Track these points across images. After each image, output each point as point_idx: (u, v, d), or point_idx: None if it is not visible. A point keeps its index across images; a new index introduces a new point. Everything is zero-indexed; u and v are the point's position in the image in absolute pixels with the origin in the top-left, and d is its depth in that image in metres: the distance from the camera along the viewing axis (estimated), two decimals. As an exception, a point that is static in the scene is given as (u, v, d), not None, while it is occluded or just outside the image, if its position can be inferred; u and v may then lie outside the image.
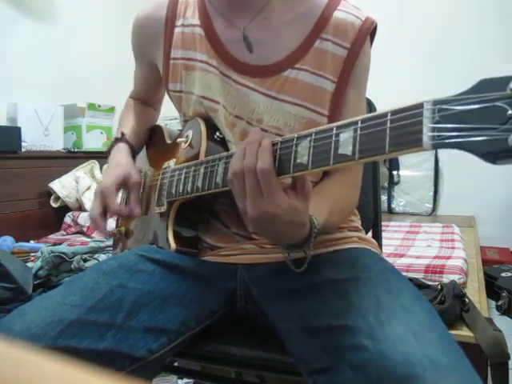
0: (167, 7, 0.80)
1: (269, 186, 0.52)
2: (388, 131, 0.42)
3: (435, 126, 0.39)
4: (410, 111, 0.41)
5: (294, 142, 0.52)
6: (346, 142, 0.46)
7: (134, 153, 0.87)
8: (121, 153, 0.84)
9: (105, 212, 0.77)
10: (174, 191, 0.75)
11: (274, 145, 0.54)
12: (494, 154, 0.35)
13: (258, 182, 0.53)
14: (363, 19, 0.72)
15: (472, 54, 2.57)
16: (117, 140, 0.87)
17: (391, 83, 2.45)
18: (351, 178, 0.77)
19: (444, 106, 0.38)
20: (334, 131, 0.48)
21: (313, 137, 0.50)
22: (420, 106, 0.40)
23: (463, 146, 0.37)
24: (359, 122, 0.46)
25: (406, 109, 0.41)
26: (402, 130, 0.41)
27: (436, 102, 0.39)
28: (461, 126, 0.37)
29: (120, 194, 0.85)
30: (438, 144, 0.38)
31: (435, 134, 0.38)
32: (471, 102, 0.37)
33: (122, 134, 0.87)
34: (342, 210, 0.73)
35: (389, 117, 0.43)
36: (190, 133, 0.78)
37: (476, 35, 2.57)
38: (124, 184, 0.79)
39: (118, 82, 1.93)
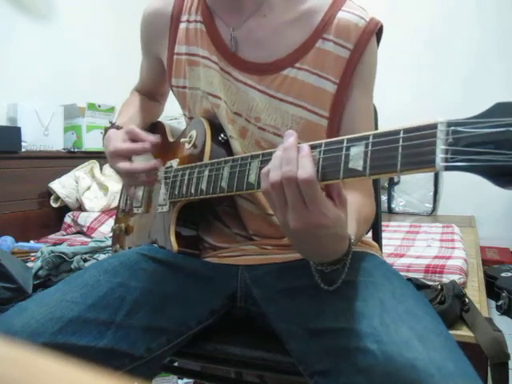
0: (174, 2, 0.80)
1: (313, 196, 0.48)
2: (400, 149, 0.42)
3: (448, 148, 0.38)
4: (423, 131, 0.41)
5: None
6: (357, 156, 0.46)
7: None
8: (115, 132, 0.80)
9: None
10: (176, 192, 0.75)
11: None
12: (505, 179, 0.36)
13: (300, 192, 0.48)
14: (368, 20, 0.71)
15: (470, 53, 2.57)
16: (108, 129, 0.84)
17: (391, 85, 2.45)
18: (366, 186, 0.75)
19: (458, 128, 0.38)
20: (345, 144, 0.47)
21: (322, 148, 0.49)
22: (434, 126, 0.40)
23: (475, 170, 0.37)
24: (371, 137, 0.45)
25: (420, 128, 0.41)
26: (415, 150, 0.41)
27: (450, 124, 0.39)
28: (474, 149, 0.37)
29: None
30: (451, 166, 0.38)
31: (448, 156, 0.38)
32: (485, 126, 0.37)
33: (112, 123, 0.85)
34: (366, 220, 0.71)
35: (401, 135, 0.42)
36: (193, 133, 0.77)
37: (474, 35, 2.58)
38: (127, 138, 0.75)
39: (117, 82, 1.93)
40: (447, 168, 0.38)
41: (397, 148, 0.42)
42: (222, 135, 0.76)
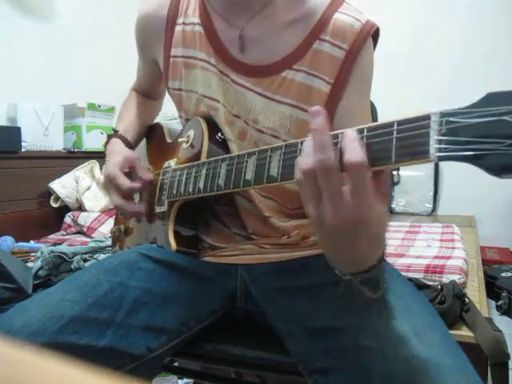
0: (169, 5, 0.80)
1: (361, 185, 0.41)
2: (394, 141, 0.42)
3: (442, 138, 0.38)
4: (416, 122, 0.41)
5: (299, 147, 0.51)
6: None
7: (131, 147, 0.87)
8: (117, 145, 0.83)
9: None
10: (174, 191, 0.75)
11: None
12: (499, 168, 0.35)
13: (339, 182, 0.42)
14: (363, 22, 0.71)
15: (466, 53, 2.58)
16: (111, 136, 0.86)
17: (391, 85, 2.45)
18: None
19: (451, 119, 0.38)
20: (340, 139, 0.47)
21: None
22: (427, 117, 0.40)
23: (469, 160, 0.37)
24: (365, 131, 0.45)
25: (413, 120, 0.41)
26: (409, 141, 0.41)
27: (443, 115, 0.39)
28: (467, 139, 0.37)
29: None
30: (444, 156, 0.38)
31: (442, 146, 0.38)
32: (478, 116, 0.37)
33: (115, 131, 0.87)
34: None
35: (395, 127, 0.42)
36: (191, 133, 0.78)
37: (471, 35, 2.58)
38: (126, 166, 0.78)
39: (118, 82, 1.93)
40: (441, 158, 0.38)
41: (391, 140, 0.42)
42: (220, 134, 0.76)
